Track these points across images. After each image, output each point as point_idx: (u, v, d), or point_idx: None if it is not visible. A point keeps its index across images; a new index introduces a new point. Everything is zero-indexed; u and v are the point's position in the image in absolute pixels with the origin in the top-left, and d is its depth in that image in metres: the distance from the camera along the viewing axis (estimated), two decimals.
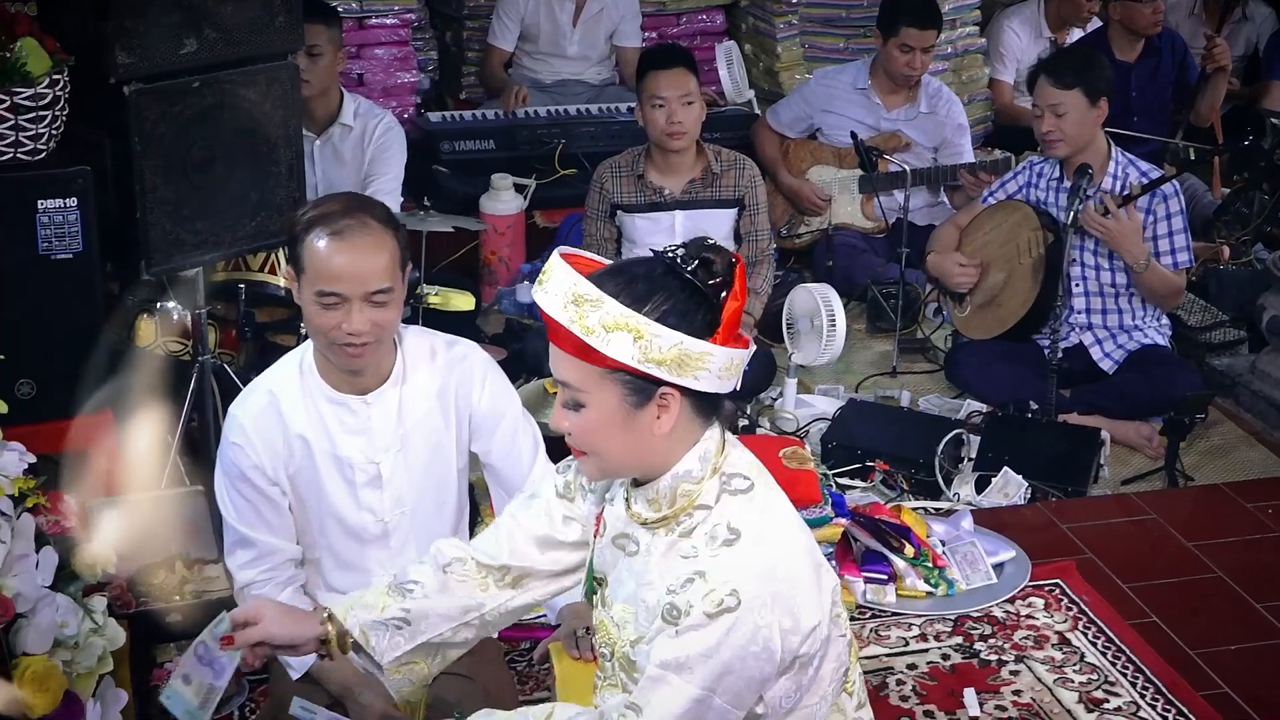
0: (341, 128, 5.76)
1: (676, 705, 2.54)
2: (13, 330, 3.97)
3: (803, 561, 2.61)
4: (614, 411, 2.58)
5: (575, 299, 2.52)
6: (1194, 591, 4.51)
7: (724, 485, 2.64)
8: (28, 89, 3.98)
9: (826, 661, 2.67)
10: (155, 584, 4.14)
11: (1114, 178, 5.55)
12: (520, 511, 2.99)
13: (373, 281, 3.26)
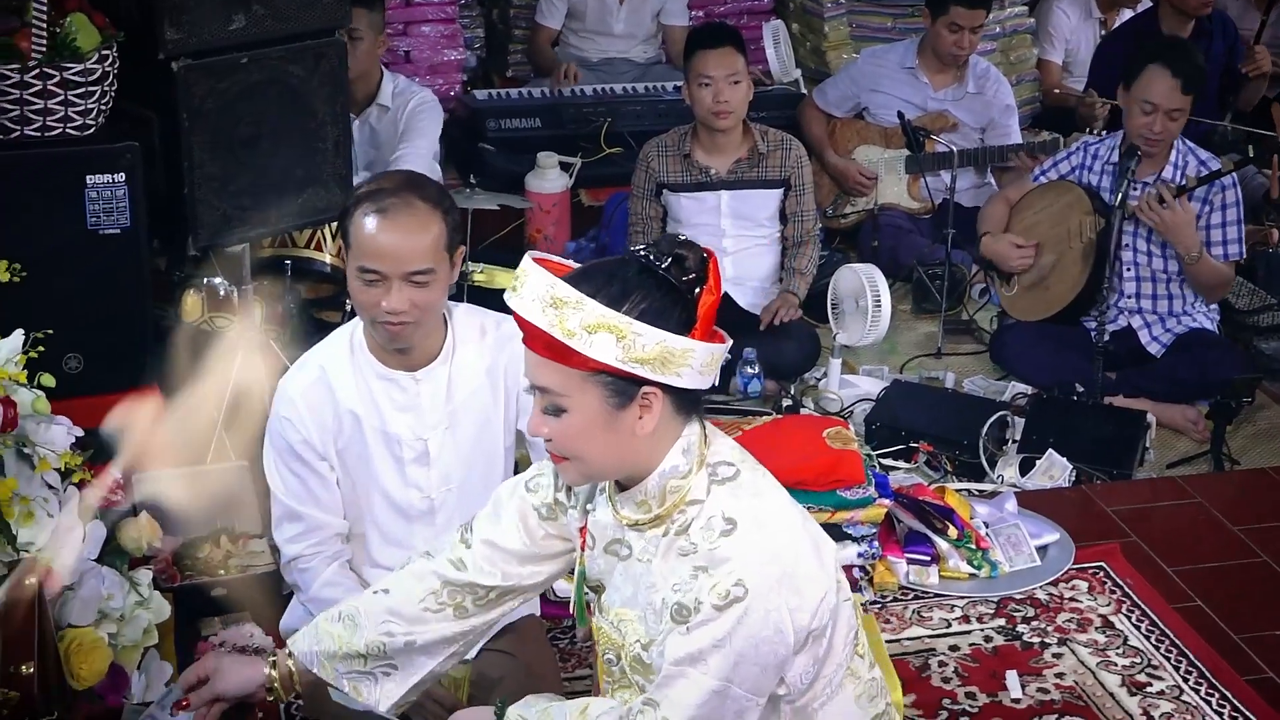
0: (379, 108, 5.78)
1: (695, 698, 2.54)
2: (61, 304, 3.99)
3: (800, 537, 2.61)
4: (596, 414, 2.56)
5: (554, 302, 2.49)
6: (1239, 576, 4.49)
7: (711, 476, 2.63)
8: (77, 64, 4.00)
9: (838, 629, 2.67)
10: (200, 558, 4.17)
11: (1174, 166, 5.53)
12: (492, 533, 2.92)
13: (412, 262, 3.26)
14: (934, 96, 6.66)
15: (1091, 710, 3.87)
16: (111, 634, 3.18)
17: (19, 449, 3.04)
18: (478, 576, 2.91)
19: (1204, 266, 5.47)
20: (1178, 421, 5.45)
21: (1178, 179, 5.50)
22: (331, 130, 4.45)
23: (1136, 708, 3.88)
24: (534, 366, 2.58)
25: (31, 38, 3.92)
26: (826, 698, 2.71)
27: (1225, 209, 5.50)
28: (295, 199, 4.43)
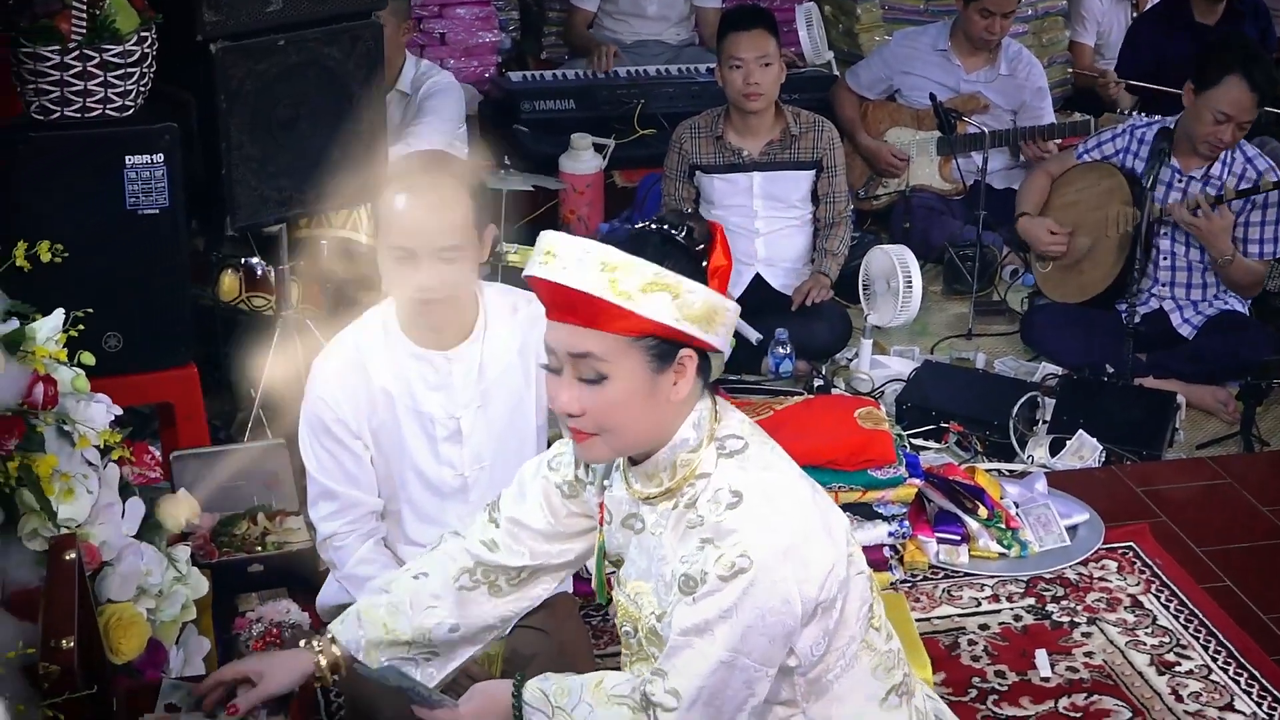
0: (398, 94, 5.78)
1: (703, 668, 2.54)
2: (100, 284, 4.00)
3: (807, 510, 2.60)
4: (639, 380, 2.55)
5: (604, 265, 2.48)
6: (1268, 556, 4.48)
7: (720, 450, 2.63)
8: (116, 46, 4.01)
9: (849, 602, 2.66)
10: (237, 535, 4.19)
11: (1223, 163, 5.51)
12: (517, 512, 2.94)
13: (442, 238, 3.27)
14: (966, 79, 6.64)
15: (1120, 689, 3.87)
16: (150, 609, 3.20)
17: (59, 426, 3.05)
18: (508, 557, 2.93)
19: (1237, 268, 5.48)
20: (1208, 402, 5.43)
21: (1225, 175, 5.49)
22: (367, 111, 4.46)
23: (1165, 687, 3.88)
24: (569, 336, 2.55)
25: (71, 20, 3.93)
26: (841, 670, 2.71)
27: (1266, 208, 5.49)
28: (331, 180, 4.43)
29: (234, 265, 5.11)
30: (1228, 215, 5.42)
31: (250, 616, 3.90)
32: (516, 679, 2.76)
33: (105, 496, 3.17)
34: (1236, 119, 5.39)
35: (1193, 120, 5.48)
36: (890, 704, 2.77)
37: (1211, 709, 3.80)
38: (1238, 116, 5.38)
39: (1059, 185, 5.91)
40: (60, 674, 2.45)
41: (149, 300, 4.24)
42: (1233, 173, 5.52)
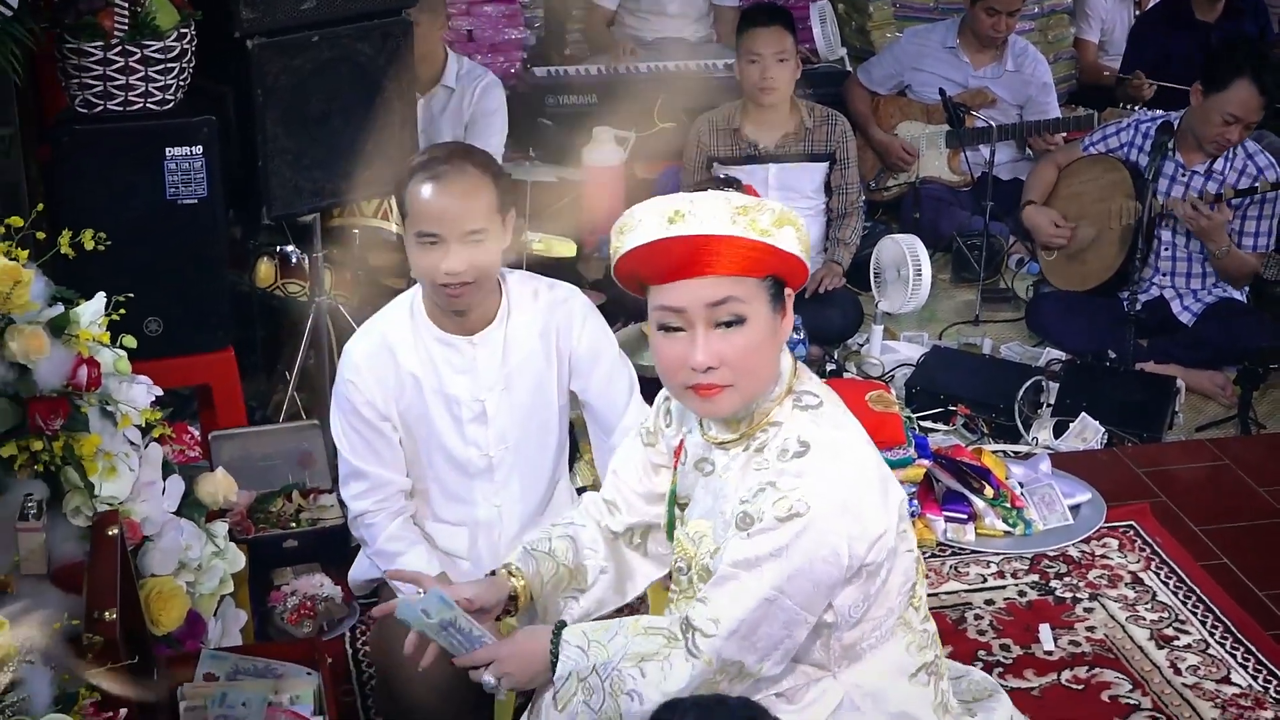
0: (444, 89, 5.77)
1: (747, 602, 2.55)
2: (141, 271, 4.01)
3: (870, 473, 2.61)
4: (767, 320, 2.60)
5: (740, 210, 2.53)
6: (1264, 535, 4.47)
7: (796, 403, 2.66)
8: (157, 42, 4.01)
9: (894, 575, 2.67)
10: (273, 512, 4.20)
11: (1225, 159, 5.49)
12: (624, 474, 3.01)
13: (468, 222, 3.27)
14: (974, 74, 6.62)
15: (1121, 662, 3.87)
16: (189, 582, 3.21)
17: (102, 407, 3.06)
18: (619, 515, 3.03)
19: (1231, 260, 5.48)
20: (1206, 387, 5.42)
21: (1226, 170, 5.48)
22: (398, 105, 4.46)
23: (1164, 660, 3.87)
24: (705, 287, 2.56)
25: (114, 17, 3.93)
26: (876, 641, 2.72)
27: (1263, 204, 5.48)
28: (363, 171, 4.44)
29: (270, 253, 5.11)
30: (1226, 212, 5.42)
31: (285, 590, 3.91)
32: (557, 625, 2.78)
33: (146, 474, 3.18)
34: (1244, 120, 5.39)
35: (1200, 121, 5.45)
36: (919, 680, 2.78)
37: (1209, 682, 3.79)
38: (1245, 118, 5.38)
39: (1065, 176, 5.89)
40: (103, 644, 2.46)
41: (188, 286, 4.25)
42: (1234, 168, 5.50)
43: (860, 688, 2.72)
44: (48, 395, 2.90)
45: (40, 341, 2.91)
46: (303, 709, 3.00)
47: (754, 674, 2.62)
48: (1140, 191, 5.51)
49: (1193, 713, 3.68)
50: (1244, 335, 5.42)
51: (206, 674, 3.07)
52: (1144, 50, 7.04)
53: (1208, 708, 3.70)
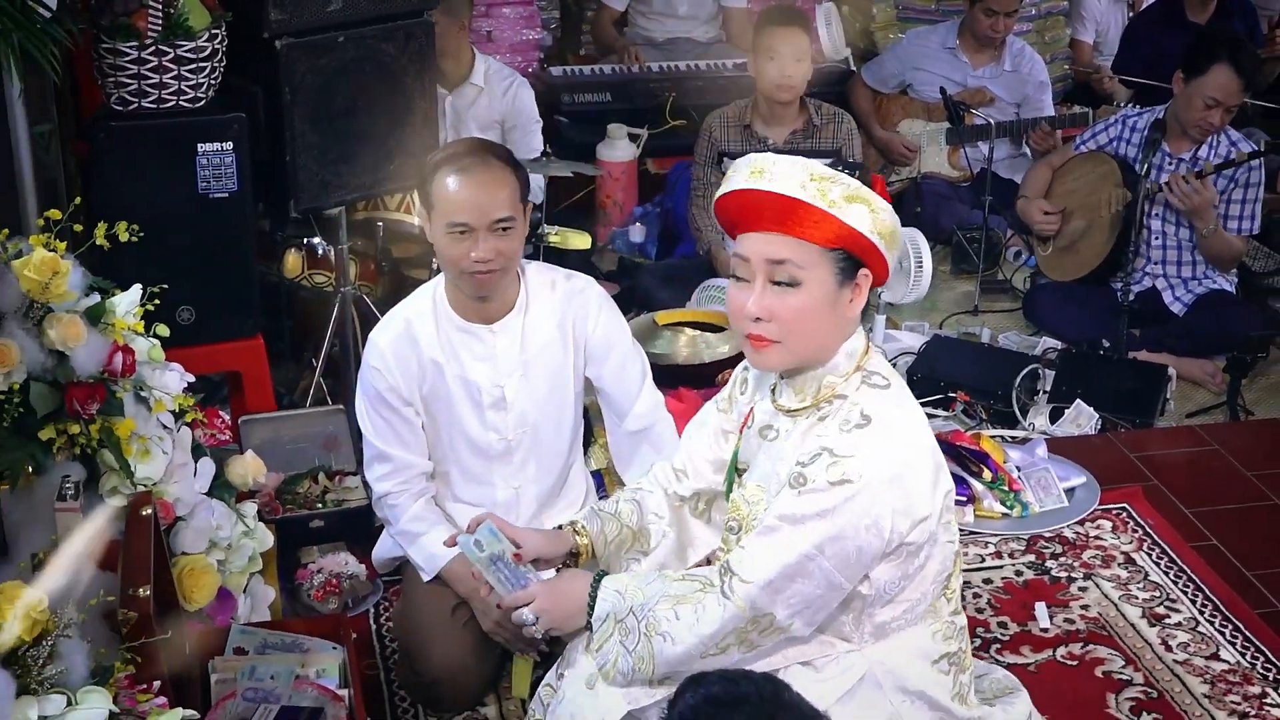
0: (472, 87, 5.76)
1: (787, 556, 2.57)
2: (174, 261, 4.01)
3: (925, 457, 2.63)
4: (826, 290, 2.60)
5: (814, 177, 2.55)
6: (1252, 517, 4.45)
7: (865, 380, 2.67)
8: (189, 42, 4.01)
9: (931, 561, 2.67)
10: (300, 493, 4.20)
11: (1209, 145, 5.48)
12: (695, 441, 3.04)
13: (496, 211, 3.28)
14: (973, 74, 6.60)
15: (1114, 640, 3.86)
16: (220, 561, 3.22)
17: (137, 392, 3.07)
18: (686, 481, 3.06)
19: (1217, 239, 5.45)
20: (1196, 375, 5.41)
21: (1210, 156, 5.46)
22: (420, 103, 4.46)
23: (1155, 637, 3.87)
24: (770, 244, 2.60)
25: (148, 18, 3.94)
26: (905, 622, 2.73)
27: (1248, 188, 5.46)
28: (387, 166, 4.44)
29: (297, 245, 5.11)
30: (1211, 189, 5.39)
31: (311, 568, 3.92)
32: (597, 575, 2.82)
33: (179, 457, 3.18)
34: (1225, 103, 5.37)
35: (1183, 107, 5.45)
36: (940, 667, 2.78)
37: (1198, 658, 3.79)
38: (1226, 101, 5.37)
39: (1060, 174, 5.89)
40: (137, 620, 2.46)
41: (219, 277, 4.26)
42: (1217, 154, 5.49)
43: (883, 664, 2.73)
44: (85, 381, 2.90)
45: (78, 329, 2.91)
46: (328, 682, 3.01)
47: (783, 629, 2.63)
48: (1128, 180, 5.51)
49: (1183, 688, 3.68)
50: (1233, 325, 5.41)
51: (236, 648, 3.08)
52: (1137, 50, 7.02)
53: (1197, 683, 3.70)
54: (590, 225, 6.22)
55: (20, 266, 2.92)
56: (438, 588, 3.54)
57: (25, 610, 2.19)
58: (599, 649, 2.76)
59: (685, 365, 4.97)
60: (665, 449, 3.62)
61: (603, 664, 2.76)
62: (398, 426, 3.54)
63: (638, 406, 3.64)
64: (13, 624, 2.17)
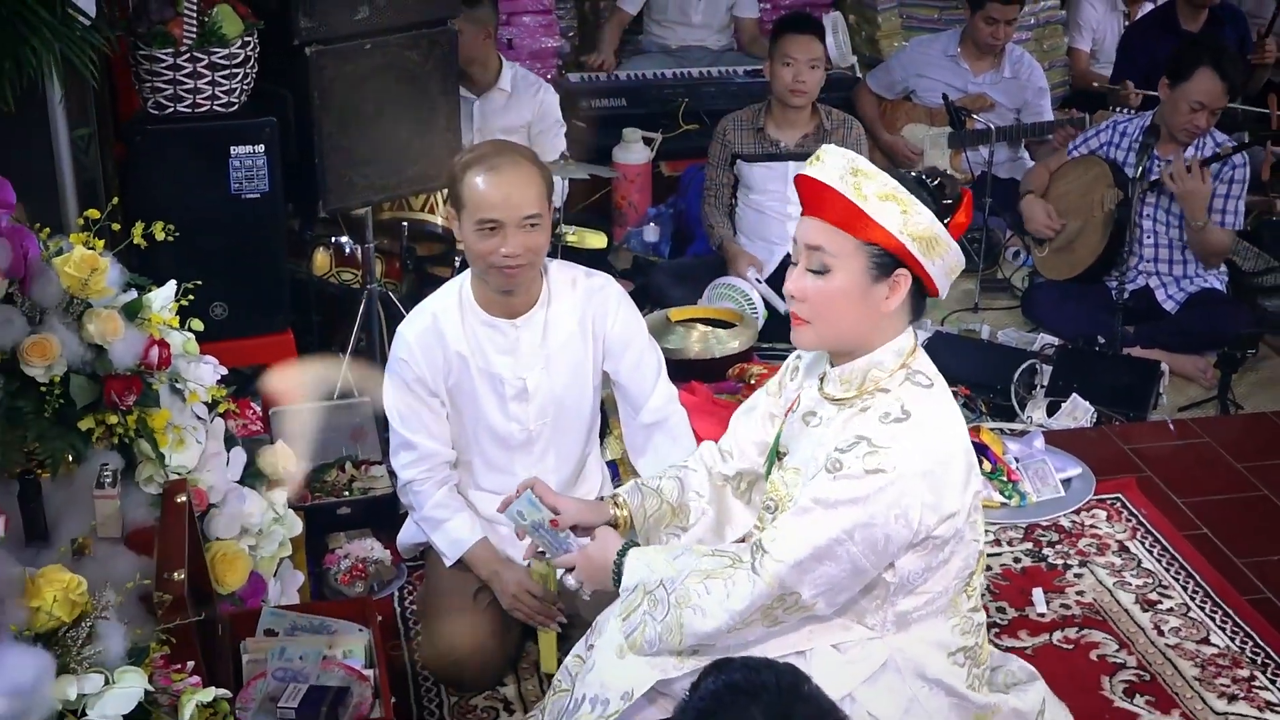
0: (500, 92, 5.76)
1: (816, 537, 2.57)
2: (208, 259, 4.02)
3: (959, 456, 2.63)
4: (856, 281, 2.60)
5: (854, 170, 2.56)
6: (1242, 507, 4.44)
7: (909, 377, 2.67)
8: (223, 49, 4.02)
9: (956, 556, 2.68)
10: (328, 481, 4.20)
11: (1195, 146, 5.46)
12: (743, 424, 3.04)
13: (525, 208, 3.29)
14: (974, 80, 6.58)
15: (1108, 624, 3.85)
16: (251, 546, 3.22)
17: (172, 384, 3.07)
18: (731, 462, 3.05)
19: (1207, 233, 5.43)
20: (1189, 370, 5.39)
21: (1195, 156, 5.44)
22: (443, 107, 4.46)
23: (1148, 622, 3.86)
24: (812, 229, 2.63)
25: (183, 26, 3.94)
26: (926, 614, 2.73)
27: (1232, 184, 5.44)
28: (411, 168, 4.44)
29: (325, 243, 5.12)
30: (1209, 182, 5.36)
31: (339, 553, 3.92)
32: (626, 543, 2.83)
33: (212, 446, 3.19)
34: (1209, 106, 5.34)
35: (1170, 111, 5.42)
36: (955, 660, 2.78)
37: (1189, 642, 3.78)
38: (1210, 104, 5.34)
39: (1055, 178, 5.88)
40: (172, 602, 2.46)
41: (251, 274, 4.27)
42: (1201, 153, 5.47)
43: (903, 652, 2.73)
44: (122, 374, 2.91)
45: (116, 324, 2.92)
46: (354, 662, 3.01)
47: (807, 608, 2.63)
48: (1120, 180, 5.50)
49: (1175, 671, 3.67)
50: (1224, 322, 5.40)
51: (267, 630, 3.08)
52: (1133, 58, 6.99)
53: (1188, 666, 3.69)
54: (606, 225, 6.21)
55: (61, 264, 2.93)
56: (460, 572, 3.54)
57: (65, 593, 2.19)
58: (625, 617, 2.77)
59: (697, 360, 4.97)
60: (679, 441, 3.62)
61: (630, 632, 2.76)
62: (423, 416, 3.54)
63: (652, 400, 3.63)
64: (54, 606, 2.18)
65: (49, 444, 2.80)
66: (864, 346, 2.68)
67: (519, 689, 3.57)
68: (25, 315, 2.82)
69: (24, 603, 2.15)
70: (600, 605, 3.03)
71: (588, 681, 2.81)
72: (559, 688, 2.95)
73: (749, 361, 5.03)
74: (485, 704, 3.54)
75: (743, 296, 5.49)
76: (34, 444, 2.79)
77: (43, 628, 2.16)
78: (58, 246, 3.03)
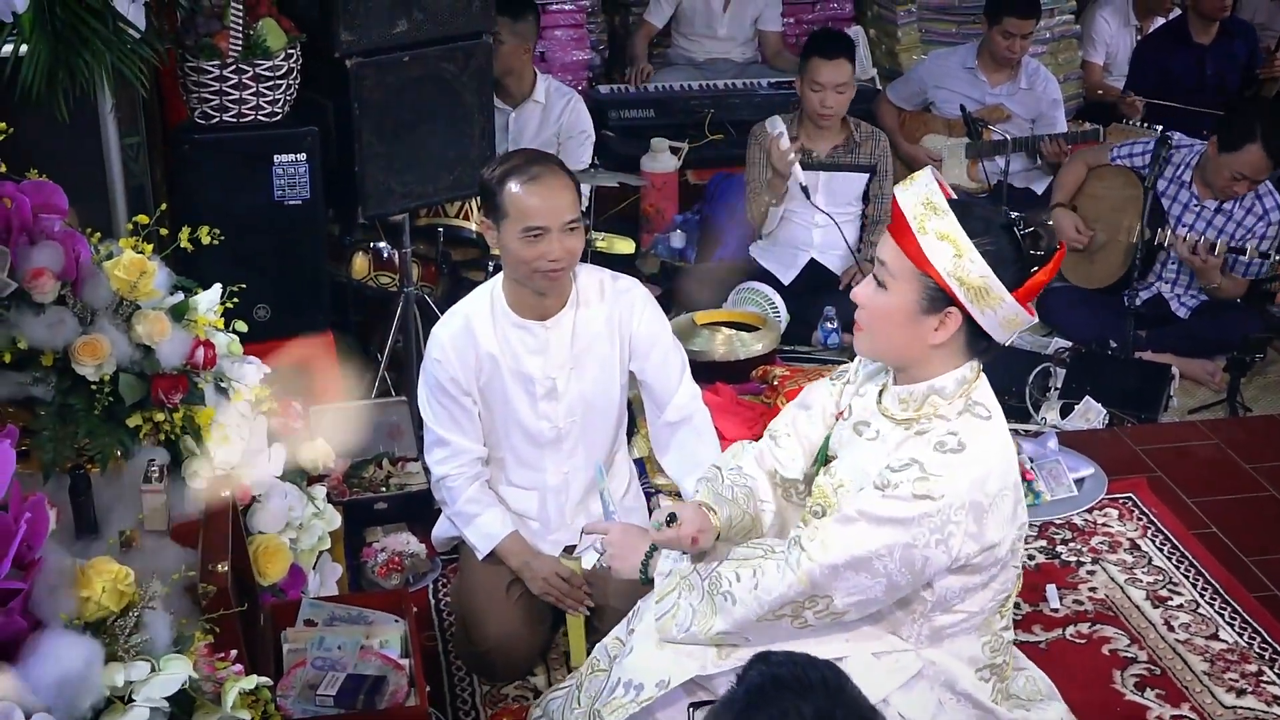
0: (534, 103, 5.76)
1: (856, 547, 2.56)
2: (252, 263, 4.03)
3: (1007, 488, 2.61)
4: (906, 305, 2.59)
5: (927, 202, 2.55)
6: (1250, 507, 4.42)
7: (968, 407, 2.64)
8: (267, 61, 4.03)
9: (995, 581, 2.67)
10: (365, 477, 4.21)
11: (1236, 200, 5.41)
12: (803, 426, 2.99)
13: (566, 213, 3.30)
14: (991, 92, 6.55)
15: (1120, 620, 3.83)
16: (292, 539, 3.22)
17: (217, 383, 3.08)
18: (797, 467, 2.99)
19: (1222, 289, 5.42)
20: (1198, 374, 5.37)
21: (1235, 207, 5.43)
22: (478, 118, 4.46)
23: (1159, 618, 3.84)
24: (885, 244, 2.63)
25: (229, 39, 3.95)
26: (960, 631, 2.72)
27: (1264, 239, 5.39)
28: (447, 176, 4.44)
29: (364, 248, 5.13)
30: (1216, 262, 5.35)
31: (376, 546, 3.92)
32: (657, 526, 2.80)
33: (255, 443, 3.19)
34: (1252, 179, 5.33)
35: (1213, 171, 5.38)
36: (982, 675, 2.77)
37: (1199, 638, 3.76)
38: (1254, 177, 5.32)
39: (1092, 177, 5.80)
40: (216, 593, 2.46)
41: (293, 277, 4.27)
42: (1242, 205, 5.42)
43: (935, 664, 2.73)
44: (169, 373, 2.91)
45: (163, 325, 2.92)
46: (390, 652, 3.01)
47: (836, 612, 2.63)
48: (1153, 220, 5.43)
49: (1184, 665, 3.65)
50: (1233, 328, 5.38)
51: (306, 620, 3.08)
52: (1147, 70, 6.97)
53: (1198, 661, 3.67)
54: (634, 231, 6.20)
55: (111, 267, 2.94)
56: (492, 565, 3.54)
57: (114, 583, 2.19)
58: (659, 599, 2.76)
59: (721, 362, 4.97)
60: (703, 438, 3.62)
61: (661, 615, 2.76)
62: (456, 414, 3.54)
63: (677, 399, 3.63)
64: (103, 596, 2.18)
65: (99, 440, 2.81)
66: (920, 369, 2.66)
67: (548, 679, 3.57)
68: (77, 316, 2.83)
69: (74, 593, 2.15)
70: (628, 595, 3.03)
71: (625, 666, 2.80)
72: (597, 667, 2.93)
73: (771, 363, 5.03)
74: (516, 693, 3.54)
75: (766, 301, 5.48)
76: (84, 440, 2.80)
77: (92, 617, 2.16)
78: (108, 251, 3.04)
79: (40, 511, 2.12)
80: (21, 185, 2.87)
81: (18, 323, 2.77)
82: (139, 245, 3.02)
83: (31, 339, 2.77)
